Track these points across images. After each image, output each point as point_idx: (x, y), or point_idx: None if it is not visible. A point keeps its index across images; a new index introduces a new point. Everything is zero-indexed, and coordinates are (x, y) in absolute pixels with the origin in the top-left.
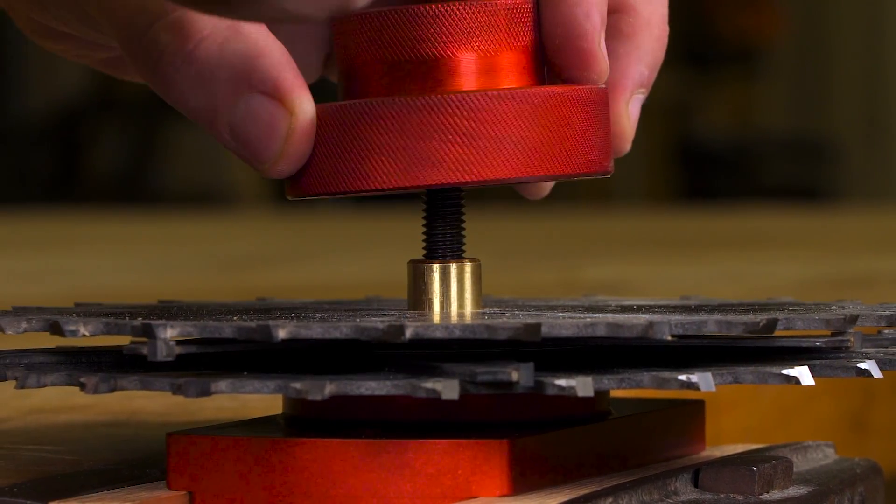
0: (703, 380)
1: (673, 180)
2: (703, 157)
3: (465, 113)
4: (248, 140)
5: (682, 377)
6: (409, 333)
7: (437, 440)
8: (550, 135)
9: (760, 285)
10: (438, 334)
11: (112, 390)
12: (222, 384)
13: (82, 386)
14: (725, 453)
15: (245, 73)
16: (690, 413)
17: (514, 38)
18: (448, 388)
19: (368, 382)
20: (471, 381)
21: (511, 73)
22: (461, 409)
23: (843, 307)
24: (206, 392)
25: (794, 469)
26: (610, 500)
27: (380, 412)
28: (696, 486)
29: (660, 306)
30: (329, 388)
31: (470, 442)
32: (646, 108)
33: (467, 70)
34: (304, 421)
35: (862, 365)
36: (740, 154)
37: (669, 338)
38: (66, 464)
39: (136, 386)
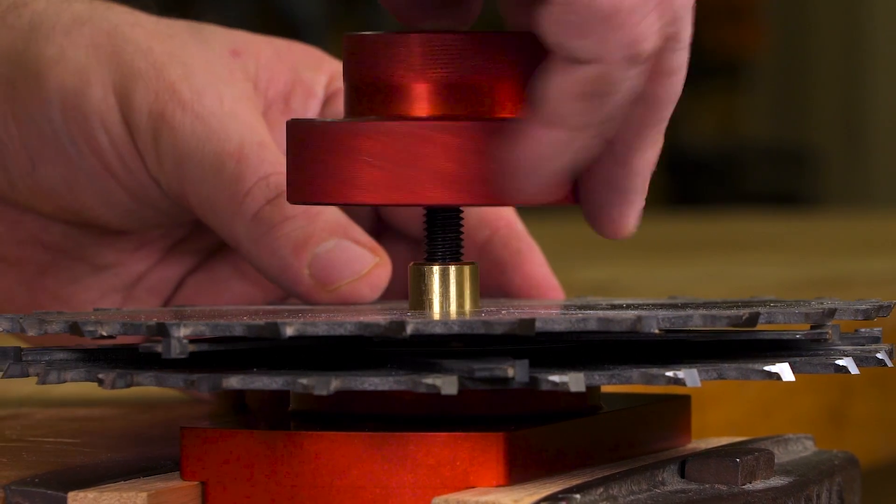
0: (690, 376)
1: (661, 187)
2: (689, 165)
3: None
4: (326, 268)
5: (670, 373)
6: (409, 329)
7: (437, 433)
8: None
9: (744, 286)
10: (438, 330)
11: (128, 386)
12: (233, 380)
13: (100, 382)
14: (710, 446)
15: (341, 226)
16: (677, 407)
17: (515, 69)
18: (447, 384)
19: (372, 378)
20: (469, 378)
21: (508, 104)
22: (460, 403)
23: (822, 303)
24: (217, 387)
25: (776, 460)
26: (601, 490)
27: (382, 407)
28: (682, 476)
29: (648, 305)
30: (335, 383)
31: (468, 435)
32: None
33: (449, 95)
34: (310, 415)
35: (840, 362)
36: (725, 162)
37: (657, 331)
38: (85, 455)
39: (151, 382)
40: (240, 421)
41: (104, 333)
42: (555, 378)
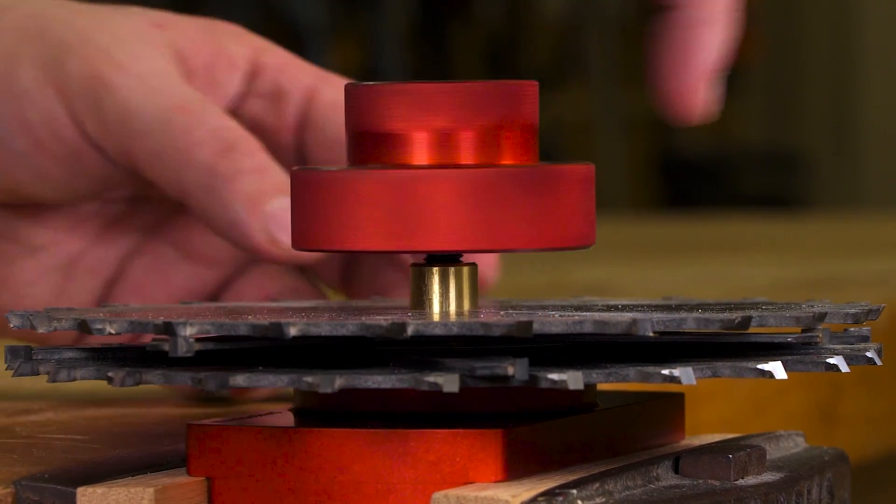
0: (685, 374)
1: (656, 189)
2: (683, 168)
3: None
4: (276, 225)
5: (665, 371)
6: (410, 330)
7: (437, 430)
8: (541, 209)
9: (736, 287)
10: (437, 331)
11: (137, 384)
12: (239, 378)
13: (110, 380)
14: (703, 442)
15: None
16: (671, 405)
17: (515, 116)
18: (449, 382)
19: (375, 377)
20: (470, 376)
21: (509, 151)
22: (459, 401)
23: (812, 306)
24: (224, 385)
25: (767, 457)
26: (597, 485)
27: (384, 404)
28: (676, 472)
29: (643, 305)
30: (339, 381)
31: (467, 432)
32: (630, 123)
33: (457, 144)
34: (313, 412)
35: (831, 360)
36: (718, 165)
37: (652, 334)
38: (94, 452)
39: (159, 380)
40: (245, 418)
41: (112, 331)
42: (554, 376)
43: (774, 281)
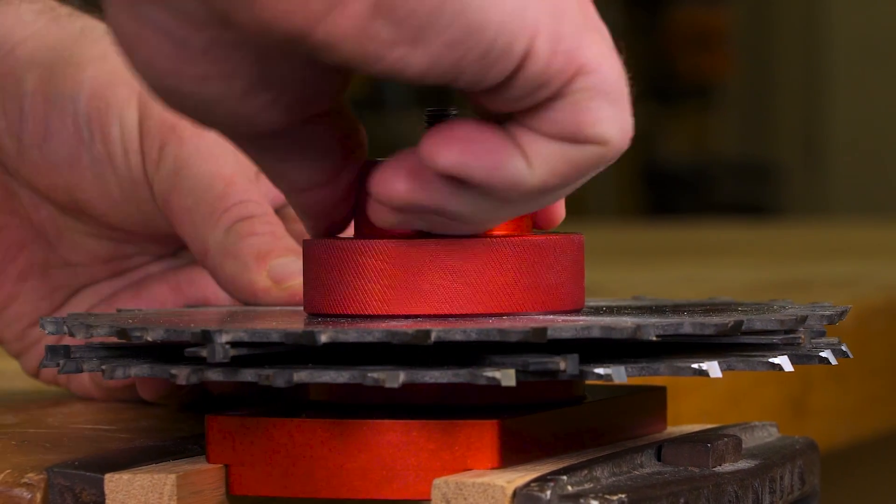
0: (712, 368)
1: (639, 198)
2: (665, 178)
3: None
4: (281, 273)
5: (695, 365)
6: (434, 336)
7: (438, 421)
8: (529, 276)
9: (714, 288)
10: (458, 337)
11: (200, 381)
12: (303, 374)
13: (173, 377)
14: (684, 432)
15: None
16: (654, 397)
17: None
18: (506, 377)
19: (433, 372)
20: (524, 370)
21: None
22: (459, 395)
23: (783, 307)
24: (290, 381)
25: (743, 445)
26: (585, 471)
27: (389, 397)
28: (658, 460)
29: (629, 307)
30: (402, 377)
31: (465, 422)
32: None
33: None
34: (323, 405)
35: (822, 354)
36: (697, 176)
37: (654, 338)
38: (121, 441)
39: (220, 377)
40: (260, 410)
41: (149, 339)
42: (600, 370)
43: (748, 283)
